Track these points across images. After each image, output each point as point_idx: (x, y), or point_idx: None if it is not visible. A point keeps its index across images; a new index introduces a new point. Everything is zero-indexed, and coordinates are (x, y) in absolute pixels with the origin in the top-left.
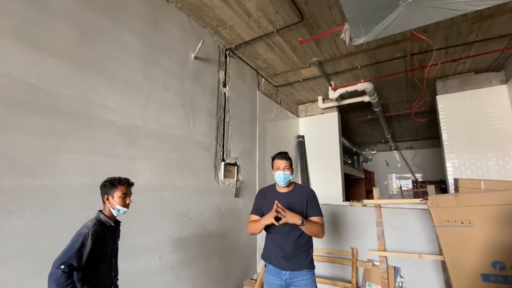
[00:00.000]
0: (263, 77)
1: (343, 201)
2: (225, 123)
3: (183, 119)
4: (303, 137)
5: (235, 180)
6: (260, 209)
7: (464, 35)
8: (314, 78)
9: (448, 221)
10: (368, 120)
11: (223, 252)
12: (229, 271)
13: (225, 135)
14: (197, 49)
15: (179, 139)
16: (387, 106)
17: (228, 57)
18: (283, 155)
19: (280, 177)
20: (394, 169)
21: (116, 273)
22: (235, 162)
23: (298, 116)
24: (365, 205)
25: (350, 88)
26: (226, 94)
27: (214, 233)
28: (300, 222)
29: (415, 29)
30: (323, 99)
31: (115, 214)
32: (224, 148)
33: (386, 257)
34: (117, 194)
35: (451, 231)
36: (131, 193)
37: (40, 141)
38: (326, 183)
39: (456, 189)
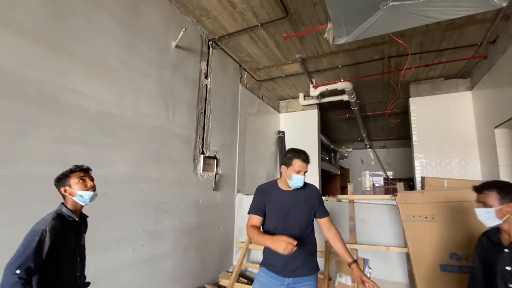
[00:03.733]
0: (246, 71)
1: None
2: (206, 115)
3: (162, 109)
4: (283, 132)
5: (214, 173)
6: (261, 209)
7: (437, 42)
8: (296, 74)
9: (413, 216)
10: (346, 119)
11: (200, 245)
12: (205, 264)
13: (206, 128)
14: (178, 37)
15: (157, 129)
16: (364, 105)
17: (210, 48)
18: (307, 159)
19: (299, 182)
20: (368, 167)
21: (82, 273)
22: (215, 156)
23: (279, 111)
24: (339, 200)
25: (330, 87)
26: (208, 85)
27: (191, 226)
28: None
29: (394, 33)
30: (304, 96)
31: (82, 203)
32: (204, 140)
33: (357, 249)
34: (73, 181)
35: (416, 225)
36: (93, 179)
37: (3, 127)
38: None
39: (423, 186)
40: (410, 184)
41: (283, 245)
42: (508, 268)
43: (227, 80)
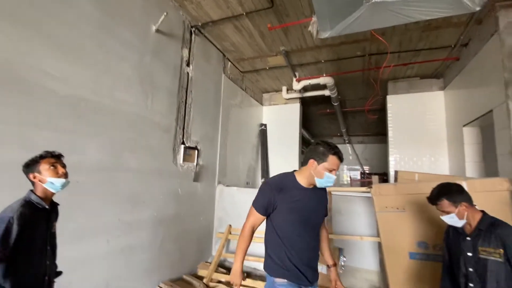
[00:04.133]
0: (230, 61)
1: None
2: (187, 104)
3: (141, 96)
4: (265, 125)
5: (195, 164)
6: (269, 209)
7: (415, 42)
8: (280, 67)
9: (386, 207)
10: (326, 114)
11: (178, 235)
12: (183, 254)
13: (186, 117)
14: (159, 21)
15: (136, 117)
16: (344, 101)
17: (193, 35)
18: (342, 157)
19: (330, 182)
20: (346, 161)
21: (53, 262)
22: (196, 146)
23: (262, 104)
24: None
25: (313, 81)
26: (190, 74)
27: (170, 217)
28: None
29: (375, 30)
30: (287, 90)
31: (53, 190)
32: (185, 130)
33: (332, 239)
34: (44, 167)
35: (388, 216)
36: (64, 165)
37: None
38: (284, 171)
39: (396, 180)
40: (384, 178)
41: (237, 279)
42: (469, 254)
43: (210, 69)
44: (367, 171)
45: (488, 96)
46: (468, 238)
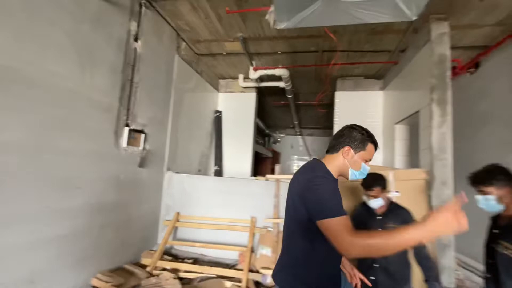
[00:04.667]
0: (184, 41)
1: (251, 176)
2: (133, 83)
3: (77, 69)
4: (220, 112)
5: (141, 148)
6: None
7: (362, 44)
8: (237, 54)
9: None
10: (281, 106)
11: (120, 223)
12: (125, 243)
13: (132, 97)
14: None
15: (69, 93)
16: (298, 94)
17: (143, 8)
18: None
19: (365, 173)
20: (297, 152)
21: None
22: (142, 129)
23: (218, 90)
24: (267, 180)
25: (269, 72)
26: (138, 50)
27: (110, 204)
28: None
29: (328, 28)
30: (244, 78)
31: None
32: (130, 111)
33: (278, 223)
34: None
35: None
36: None
37: None
38: (238, 159)
39: None
40: None
41: (454, 220)
42: (379, 229)
43: (162, 48)
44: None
45: (416, 98)
46: (379, 217)
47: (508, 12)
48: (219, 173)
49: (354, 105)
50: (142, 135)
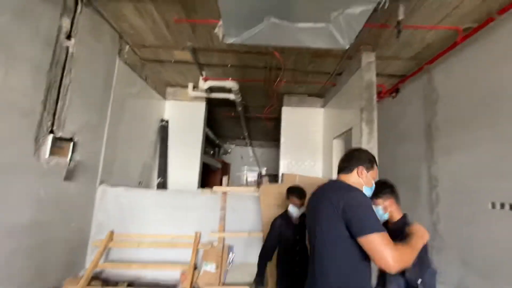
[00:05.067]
0: (128, 44)
1: (198, 188)
2: (63, 85)
3: None
4: (167, 121)
5: (68, 159)
6: None
7: (306, 64)
8: (187, 63)
9: (269, 204)
10: (232, 117)
11: (36, 248)
12: (43, 270)
13: (60, 101)
14: None
15: None
16: (248, 107)
17: (79, 4)
18: None
19: (373, 188)
20: (247, 163)
21: None
22: (71, 137)
23: (165, 98)
24: (214, 192)
25: (219, 83)
26: (70, 49)
27: (24, 226)
28: None
29: (275, 47)
30: (194, 87)
31: None
32: (56, 117)
33: (224, 237)
34: None
35: (270, 212)
36: None
37: None
38: (185, 170)
39: (282, 181)
40: (276, 179)
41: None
42: (297, 236)
43: (100, 49)
44: (264, 173)
45: (350, 117)
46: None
47: (418, 50)
48: (163, 185)
49: (299, 120)
50: (71, 144)
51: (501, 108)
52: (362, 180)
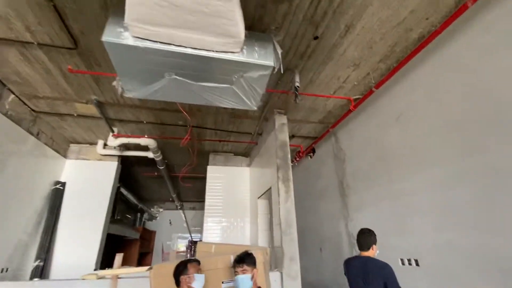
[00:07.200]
0: (13, 94)
1: (96, 269)
2: None
3: None
4: (64, 184)
5: None
6: None
7: (226, 124)
8: (93, 118)
9: None
10: (155, 177)
11: None
12: None
13: None
14: None
15: None
16: (172, 166)
17: None
18: None
19: None
20: (178, 228)
21: None
22: None
23: (65, 157)
24: (101, 277)
25: (133, 140)
26: None
27: None
28: None
29: (182, 104)
30: (105, 144)
31: None
32: None
33: None
34: None
35: None
36: None
37: None
38: (80, 246)
39: (195, 252)
40: None
41: None
42: None
43: None
44: (195, 239)
45: (269, 176)
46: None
47: (324, 114)
48: (41, 271)
49: (225, 179)
50: None
51: (392, 167)
52: (375, 255)
